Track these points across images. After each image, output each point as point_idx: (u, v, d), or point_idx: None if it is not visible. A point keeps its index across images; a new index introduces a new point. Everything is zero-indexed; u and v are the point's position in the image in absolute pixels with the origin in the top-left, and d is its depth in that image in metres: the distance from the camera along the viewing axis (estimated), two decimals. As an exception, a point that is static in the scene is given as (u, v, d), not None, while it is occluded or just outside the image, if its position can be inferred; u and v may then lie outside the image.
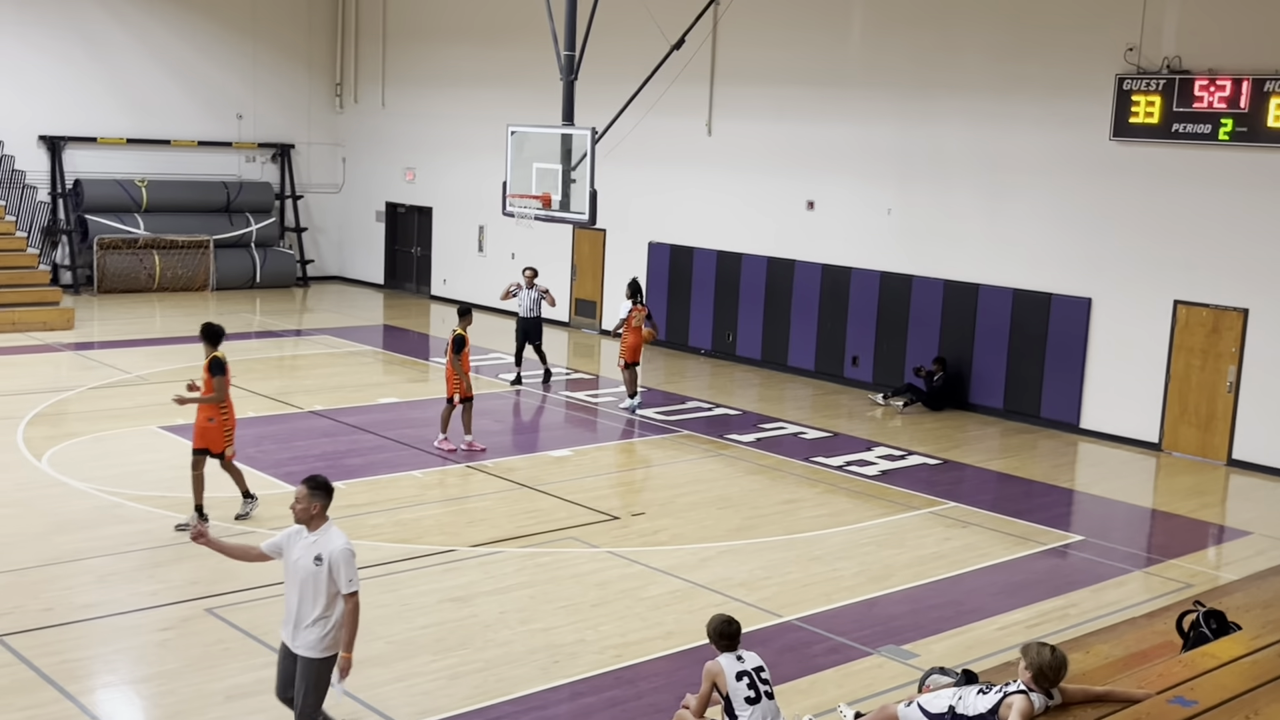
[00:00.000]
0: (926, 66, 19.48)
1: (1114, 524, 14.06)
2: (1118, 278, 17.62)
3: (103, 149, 27.26)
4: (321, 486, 7.37)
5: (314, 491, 7.34)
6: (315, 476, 7.45)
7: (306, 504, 7.31)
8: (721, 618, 7.52)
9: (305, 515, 7.33)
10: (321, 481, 7.40)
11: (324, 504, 7.36)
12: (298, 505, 7.33)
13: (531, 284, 19.55)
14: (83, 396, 17.51)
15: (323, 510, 7.35)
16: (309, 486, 7.36)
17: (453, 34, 27.35)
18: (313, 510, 7.32)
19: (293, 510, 7.37)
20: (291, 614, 7.37)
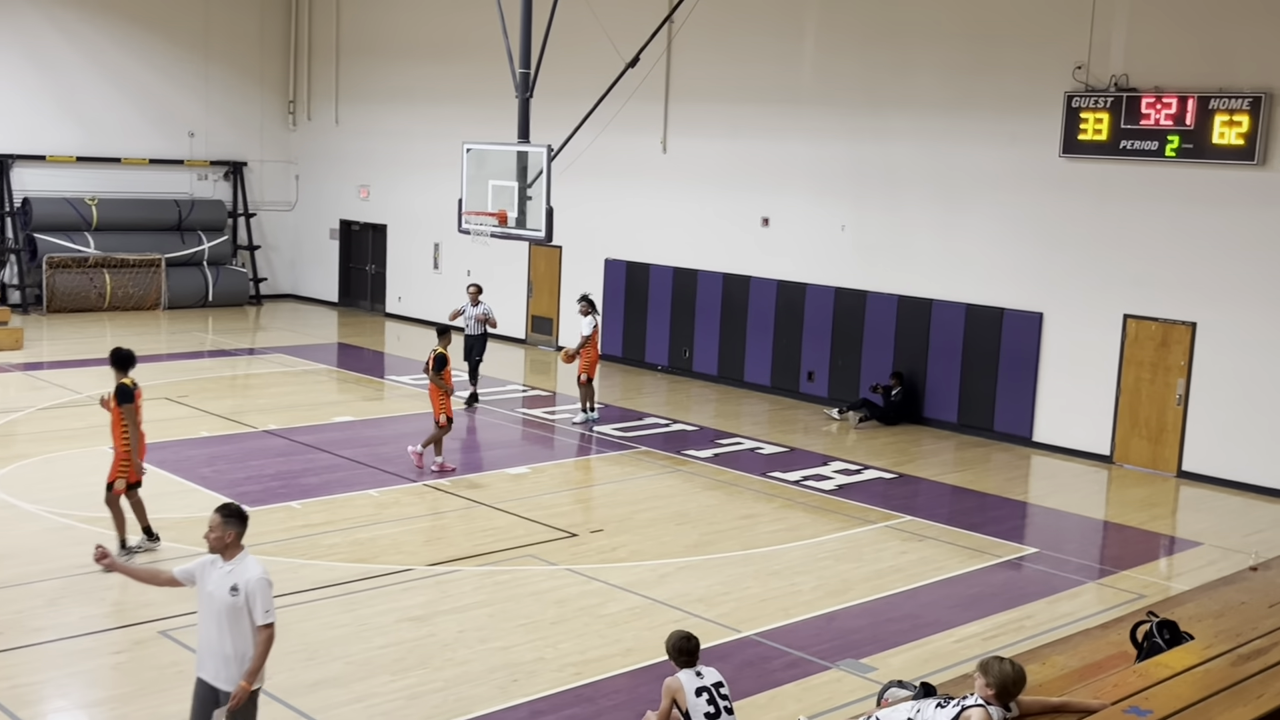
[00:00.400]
0: (880, 84, 19.67)
1: (1067, 536, 14.21)
2: (1069, 292, 17.85)
3: (52, 167, 26.96)
4: (235, 514, 7.09)
5: (228, 520, 7.05)
6: (228, 504, 7.19)
7: (220, 532, 7.02)
8: (680, 634, 7.52)
9: (219, 544, 7.04)
10: (235, 509, 7.13)
11: (238, 532, 7.08)
12: (211, 534, 7.05)
13: (476, 301, 19.41)
14: (32, 417, 17.27)
15: (237, 539, 7.07)
16: (222, 515, 7.07)
17: (407, 51, 27.31)
18: (227, 539, 7.03)
19: (206, 539, 7.09)
20: (211, 648, 7.05)
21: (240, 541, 7.10)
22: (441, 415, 15.39)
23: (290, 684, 9.19)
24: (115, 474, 11.71)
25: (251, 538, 12.42)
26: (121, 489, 11.70)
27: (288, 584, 11.25)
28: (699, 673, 7.37)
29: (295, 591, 11.07)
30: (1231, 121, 15.95)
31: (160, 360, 22.09)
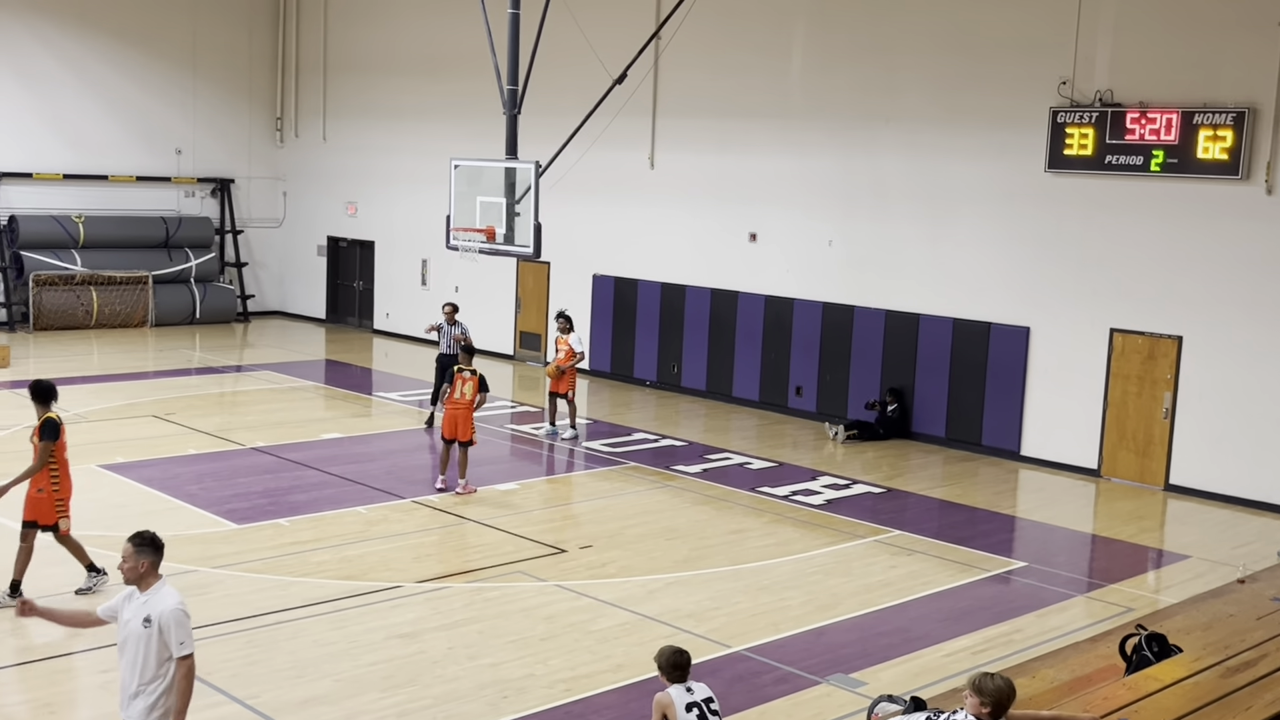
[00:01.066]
0: (867, 98, 19.76)
1: (1056, 550, 14.24)
2: (1055, 306, 17.92)
3: (39, 184, 26.91)
4: (148, 542, 6.75)
5: (140, 548, 6.71)
6: (141, 532, 6.83)
7: (133, 562, 6.69)
8: (671, 649, 7.52)
9: (134, 575, 6.70)
10: (149, 537, 6.79)
11: (152, 561, 6.73)
12: (124, 565, 6.72)
13: (453, 320, 19.13)
14: (19, 436, 17.17)
15: (152, 568, 6.73)
16: (134, 544, 6.73)
17: (394, 67, 27.34)
18: (140, 568, 6.69)
19: (120, 570, 6.78)
20: (127, 686, 6.68)
21: (157, 571, 6.77)
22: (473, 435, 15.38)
23: (279, 701, 9.16)
24: (54, 515, 11.10)
25: (239, 556, 12.50)
26: (66, 529, 11.14)
27: (276, 601, 11.23)
28: (689, 688, 7.36)
29: (284, 609, 11.03)
30: (1216, 136, 16.05)
31: (147, 378, 22.04)
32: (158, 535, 6.89)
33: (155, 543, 6.82)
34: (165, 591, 6.74)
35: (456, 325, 19.14)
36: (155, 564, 6.78)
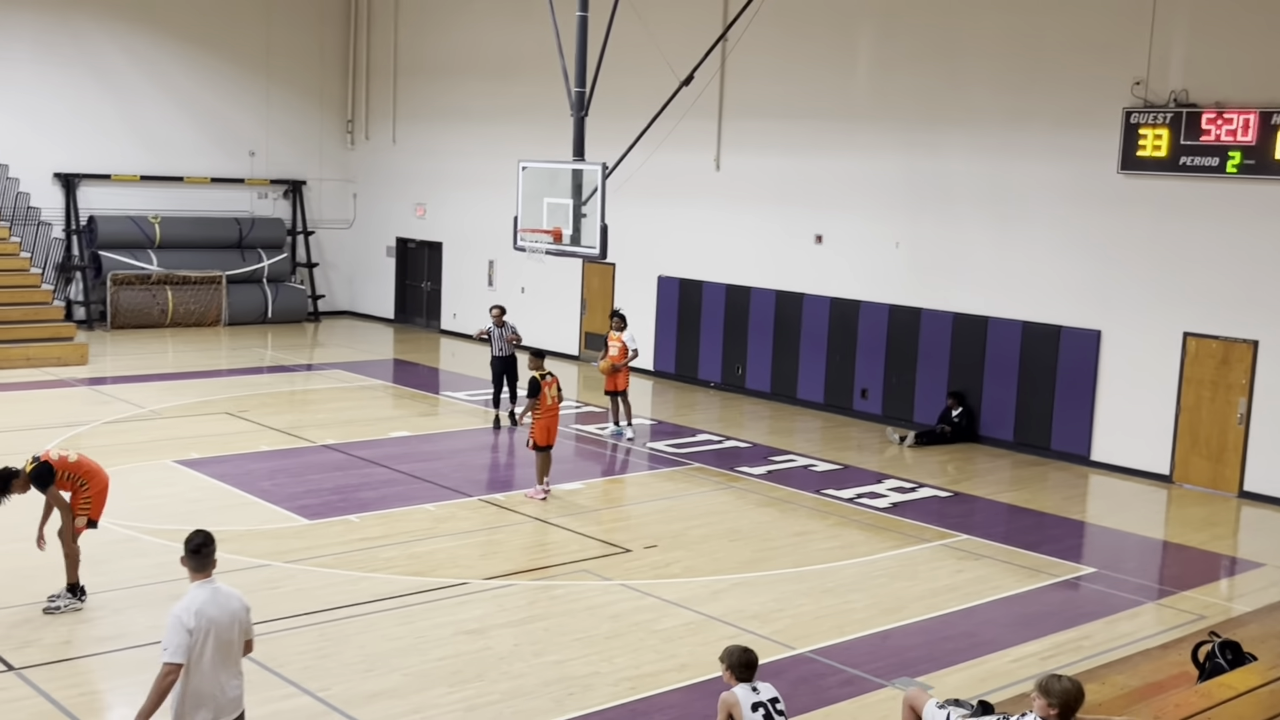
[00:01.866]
0: (934, 100, 19.63)
1: (1126, 556, 14.06)
2: (1127, 310, 17.68)
3: (117, 186, 27.51)
4: (186, 546, 6.92)
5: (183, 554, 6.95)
6: (190, 535, 6.99)
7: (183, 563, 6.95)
8: (740, 648, 7.52)
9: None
10: (188, 542, 6.94)
11: (190, 564, 6.91)
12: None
13: (501, 322, 19.25)
14: (96, 431, 17.60)
15: (193, 570, 6.91)
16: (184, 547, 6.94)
17: (464, 71, 27.60)
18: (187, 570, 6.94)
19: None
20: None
21: (200, 572, 6.88)
22: (530, 440, 15.23)
23: (349, 695, 9.31)
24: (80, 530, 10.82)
25: (311, 551, 12.70)
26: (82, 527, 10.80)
27: (347, 596, 11.40)
28: (755, 688, 7.38)
29: (354, 604, 11.21)
30: (1294, 137, 15.77)
31: (221, 376, 22.45)
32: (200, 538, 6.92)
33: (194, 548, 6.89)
34: (188, 594, 6.83)
35: (506, 326, 19.25)
36: (195, 567, 6.87)
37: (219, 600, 6.83)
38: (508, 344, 19.23)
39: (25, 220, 25.96)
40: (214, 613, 6.77)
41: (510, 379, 19.31)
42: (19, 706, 8.91)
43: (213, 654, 6.73)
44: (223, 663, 6.84)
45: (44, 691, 9.14)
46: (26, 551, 11.10)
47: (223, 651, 6.83)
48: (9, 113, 26.06)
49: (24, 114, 26.25)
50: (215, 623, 6.75)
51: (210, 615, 6.74)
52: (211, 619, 6.74)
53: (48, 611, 10.63)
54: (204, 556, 6.92)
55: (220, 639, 6.80)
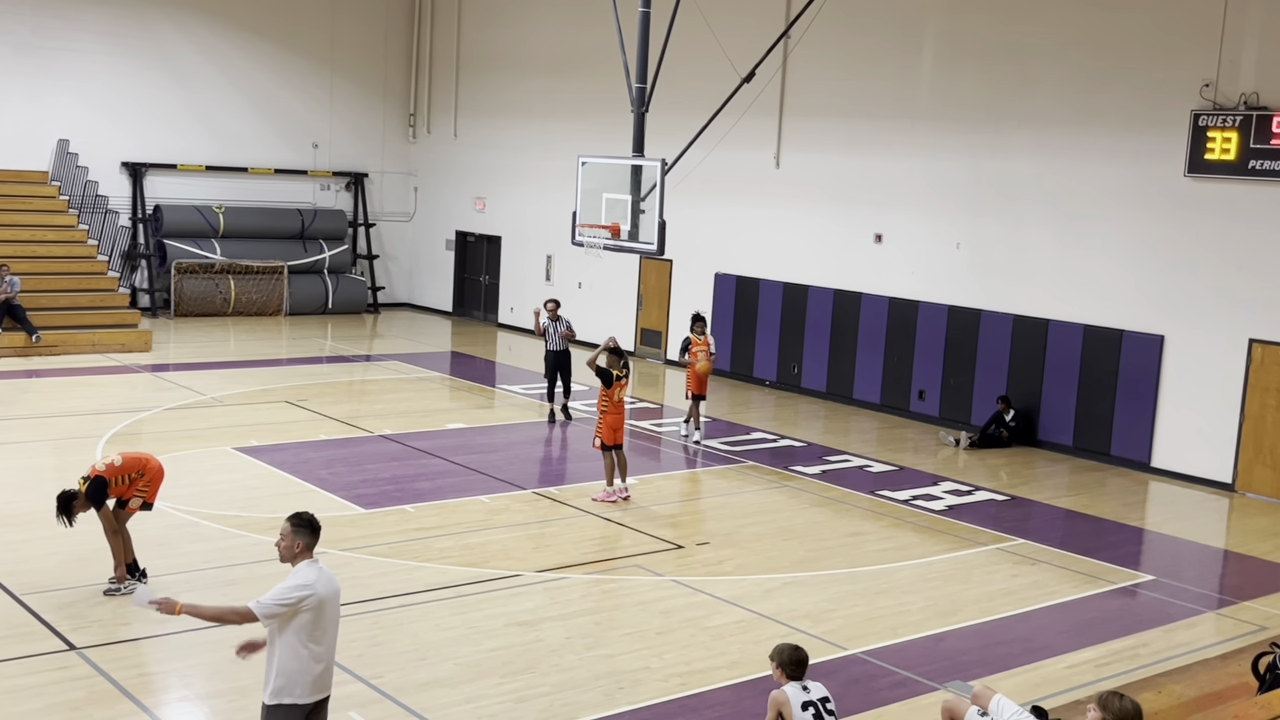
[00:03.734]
0: (998, 100, 19.44)
1: (1185, 564, 13.85)
2: (1191, 315, 17.41)
3: (182, 175, 27.92)
4: (306, 524, 6.90)
5: (297, 529, 6.88)
6: (299, 513, 7.01)
7: (289, 541, 6.88)
8: (790, 645, 7.50)
9: (289, 553, 6.90)
10: (305, 519, 6.93)
11: (307, 542, 6.89)
12: (281, 542, 6.92)
13: (555, 316, 19.23)
14: (158, 417, 17.88)
15: (306, 548, 6.88)
16: (292, 523, 6.89)
17: (525, 66, 27.72)
18: (295, 548, 6.87)
19: (277, 548, 6.98)
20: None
21: (310, 552, 6.91)
22: (597, 440, 15.00)
23: (401, 683, 9.39)
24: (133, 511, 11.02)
25: (366, 540, 12.83)
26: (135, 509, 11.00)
27: (401, 585, 11.50)
28: (805, 687, 7.35)
29: (408, 593, 11.30)
30: (1368, 141, 15.45)
31: (281, 365, 22.73)
32: (315, 518, 6.99)
33: (311, 524, 6.94)
34: (300, 570, 6.85)
35: (560, 321, 19.23)
36: (309, 545, 6.91)
37: (323, 580, 6.91)
38: (562, 339, 19.24)
39: (93, 208, 26.42)
40: (322, 591, 6.86)
41: (564, 374, 19.33)
42: (80, 684, 9.09)
43: (303, 632, 6.81)
44: (333, 638, 6.99)
45: (104, 671, 9.31)
46: (88, 533, 11.31)
47: (334, 627, 6.98)
48: (79, 102, 26.53)
49: (93, 104, 26.71)
50: (319, 600, 6.83)
51: (317, 592, 6.83)
52: (317, 595, 6.82)
53: (108, 593, 10.82)
54: (319, 533, 7.02)
55: (332, 615, 6.94)
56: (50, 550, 11.82)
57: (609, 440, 14.80)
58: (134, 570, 11.00)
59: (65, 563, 11.51)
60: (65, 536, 11.86)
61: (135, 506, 10.99)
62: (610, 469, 14.86)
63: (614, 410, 14.90)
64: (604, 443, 14.80)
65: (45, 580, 11.07)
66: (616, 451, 14.85)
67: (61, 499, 10.78)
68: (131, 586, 10.84)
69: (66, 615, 10.30)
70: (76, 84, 26.51)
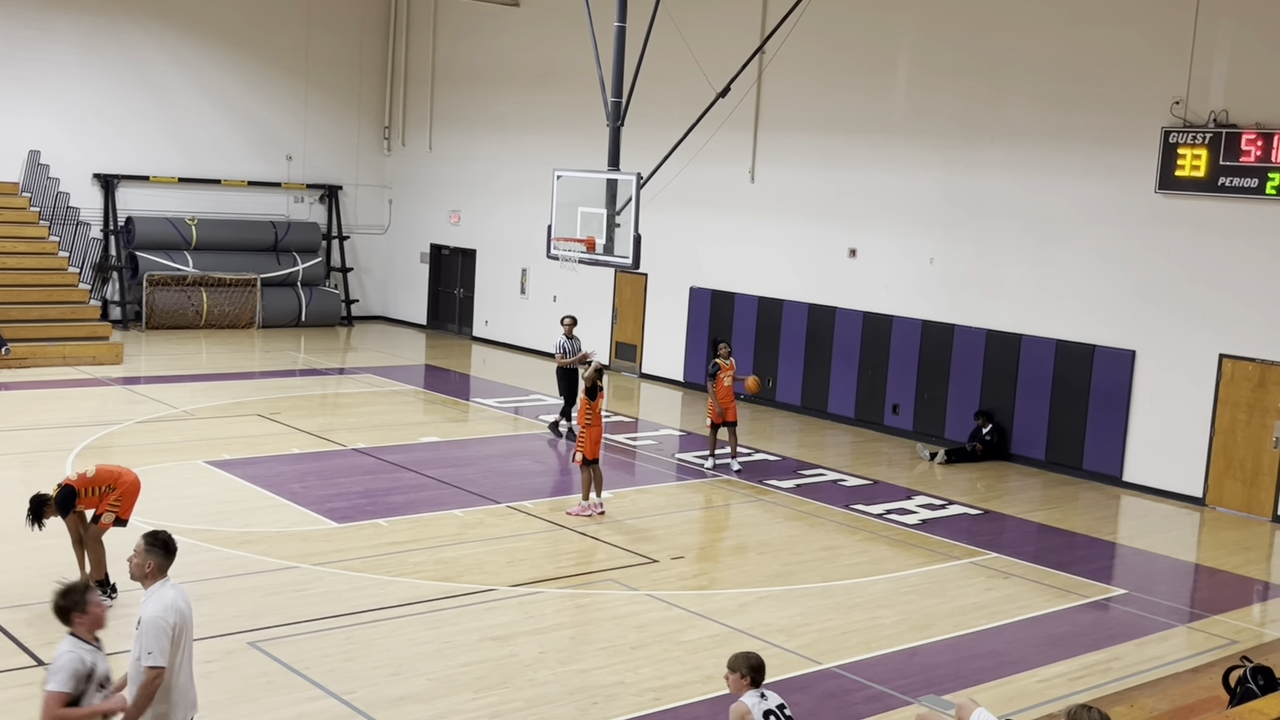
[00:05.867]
0: (972, 116, 19.56)
1: (1157, 578, 13.93)
2: (1163, 330, 17.54)
3: (155, 187, 27.76)
4: (160, 543, 6.70)
5: (150, 548, 6.68)
6: (154, 531, 6.81)
7: (140, 559, 6.69)
8: (747, 653, 7.46)
9: (139, 572, 6.71)
10: (160, 537, 6.73)
11: (159, 563, 6.68)
12: (132, 560, 6.72)
13: (571, 334, 19.15)
14: (130, 430, 17.75)
15: (157, 569, 6.67)
16: (146, 541, 6.69)
17: (500, 79, 27.72)
18: (146, 567, 6.68)
19: (129, 564, 6.77)
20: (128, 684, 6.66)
21: (164, 572, 6.70)
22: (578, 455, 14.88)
23: (374, 698, 9.33)
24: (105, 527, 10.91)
25: (340, 554, 12.75)
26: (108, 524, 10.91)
27: (374, 600, 11.44)
28: (764, 694, 7.34)
29: (381, 608, 11.24)
30: (1335, 159, 15.61)
31: (253, 378, 22.60)
32: (171, 539, 6.81)
33: (168, 545, 6.75)
34: (159, 594, 6.65)
35: (575, 339, 19.08)
36: (160, 565, 6.69)
37: (182, 597, 6.73)
38: (577, 360, 18.74)
39: (64, 220, 26.21)
40: (184, 609, 6.69)
41: (574, 392, 18.72)
42: (48, 701, 8.97)
43: (184, 651, 6.67)
44: (190, 659, 6.79)
45: (73, 687, 9.20)
46: (59, 547, 11.20)
47: (189, 648, 6.77)
48: (51, 113, 26.35)
49: (65, 115, 26.54)
50: (185, 620, 6.68)
51: (182, 612, 6.66)
52: (182, 615, 6.66)
53: None
54: (174, 555, 6.82)
55: (189, 636, 6.74)
56: (20, 564, 11.71)
57: (592, 454, 14.76)
58: (105, 586, 10.89)
59: (34, 577, 11.37)
60: (34, 551, 11.75)
61: (108, 522, 10.89)
62: (587, 483, 14.83)
63: (596, 423, 14.88)
64: (585, 457, 14.75)
65: (13, 595, 10.96)
66: (593, 465, 14.82)
67: (34, 501, 10.75)
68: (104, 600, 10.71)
69: (35, 630, 10.19)
70: (48, 95, 26.34)
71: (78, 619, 6.49)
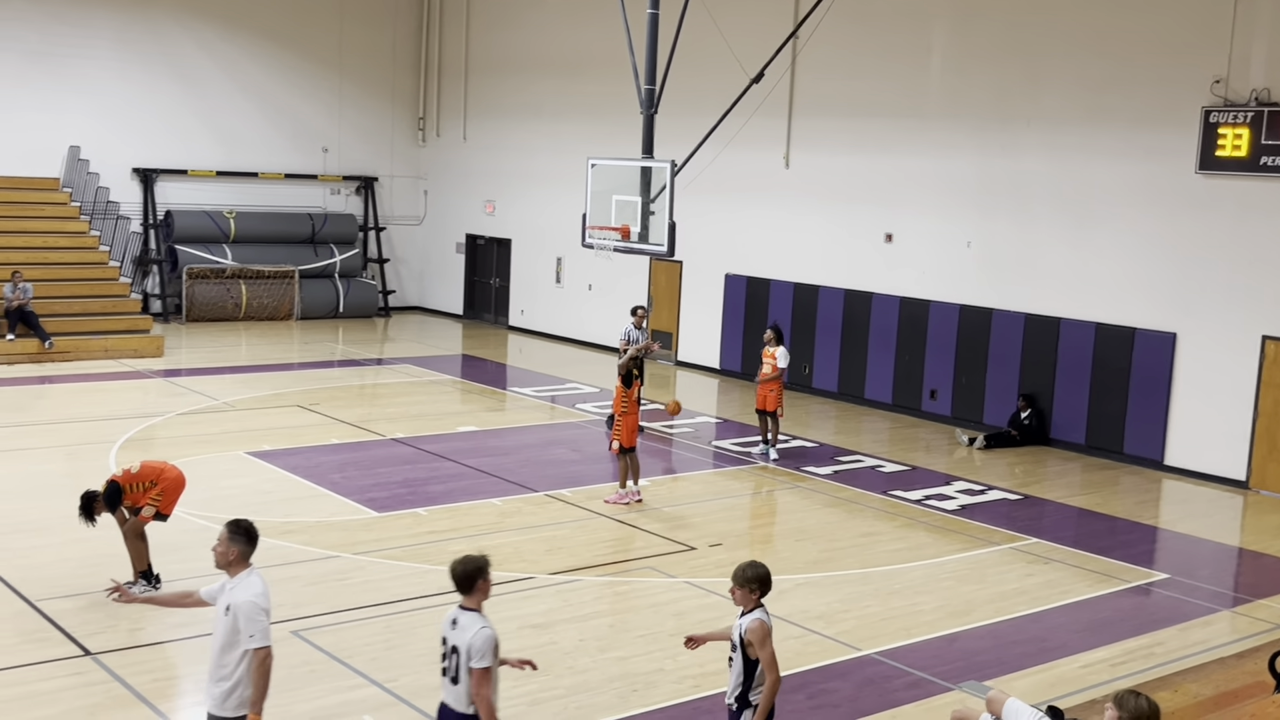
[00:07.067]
0: (1008, 98, 19.40)
1: (1200, 562, 13.80)
2: (1204, 312, 17.35)
3: (193, 181, 27.98)
4: (243, 531, 6.89)
5: (233, 536, 6.86)
6: (237, 520, 6.97)
7: (224, 548, 6.86)
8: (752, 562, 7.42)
9: (223, 560, 6.87)
10: (243, 526, 6.92)
11: (242, 550, 6.86)
12: (216, 548, 6.89)
13: (641, 325, 18.46)
14: (171, 422, 17.92)
15: (241, 556, 6.85)
16: (229, 530, 6.87)
17: (534, 68, 27.74)
18: (230, 555, 6.85)
19: (213, 553, 6.93)
20: (209, 671, 6.83)
21: (246, 560, 6.90)
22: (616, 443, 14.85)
23: (416, 686, 9.39)
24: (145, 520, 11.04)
25: (379, 543, 12.85)
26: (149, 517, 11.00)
27: (414, 588, 11.51)
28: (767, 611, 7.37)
29: (421, 596, 11.31)
30: (1380, 137, 15.38)
31: (292, 369, 22.77)
32: (254, 526, 6.99)
33: (249, 532, 6.93)
34: (248, 581, 6.83)
35: (644, 330, 18.50)
36: (244, 553, 6.87)
37: (267, 588, 6.93)
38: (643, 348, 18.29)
39: (105, 214, 26.51)
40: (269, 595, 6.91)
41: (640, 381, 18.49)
42: (96, 690, 9.11)
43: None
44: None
45: (119, 676, 9.33)
46: (102, 539, 11.34)
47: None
48: (90, 108, 26.61)
49: (104, 110, 26.79)
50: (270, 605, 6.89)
51: (269, 597, 6.89)
52: (269, 600, 6.88)
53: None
54: (256, 542, 6.99)
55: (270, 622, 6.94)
56: (64, 556, 11.87)
57: (629, 442, 14.76)
58: (149, 577, 11.02)
59: (79, 568, 11.54)
60: (79, 543, 11.91)
61: (147, 515, 11.00)
62: (624, 471, 14.86)
63: (633, 411, 14.90)
64: (622, 445, 14.78)
65: (60, 586, 11.11)
66: (630, 454, 14.84)
67: (85, 498, 10.90)
68: (146, 591, 10.87)
69: (82, 620, 10.33)
70: (87, 91, 26.60)
71: (482, 585, 6.89)
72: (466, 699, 6.73)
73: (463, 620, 6.82)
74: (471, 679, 6.65)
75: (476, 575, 6.87)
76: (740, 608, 7.35)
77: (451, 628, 6.84)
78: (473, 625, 6.75)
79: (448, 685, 6.82)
